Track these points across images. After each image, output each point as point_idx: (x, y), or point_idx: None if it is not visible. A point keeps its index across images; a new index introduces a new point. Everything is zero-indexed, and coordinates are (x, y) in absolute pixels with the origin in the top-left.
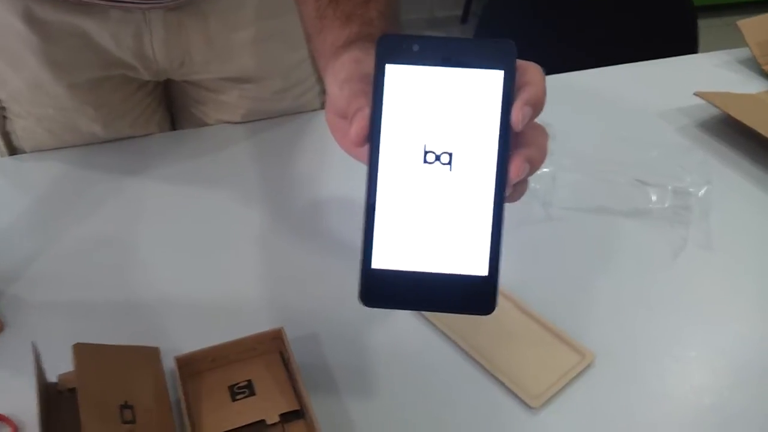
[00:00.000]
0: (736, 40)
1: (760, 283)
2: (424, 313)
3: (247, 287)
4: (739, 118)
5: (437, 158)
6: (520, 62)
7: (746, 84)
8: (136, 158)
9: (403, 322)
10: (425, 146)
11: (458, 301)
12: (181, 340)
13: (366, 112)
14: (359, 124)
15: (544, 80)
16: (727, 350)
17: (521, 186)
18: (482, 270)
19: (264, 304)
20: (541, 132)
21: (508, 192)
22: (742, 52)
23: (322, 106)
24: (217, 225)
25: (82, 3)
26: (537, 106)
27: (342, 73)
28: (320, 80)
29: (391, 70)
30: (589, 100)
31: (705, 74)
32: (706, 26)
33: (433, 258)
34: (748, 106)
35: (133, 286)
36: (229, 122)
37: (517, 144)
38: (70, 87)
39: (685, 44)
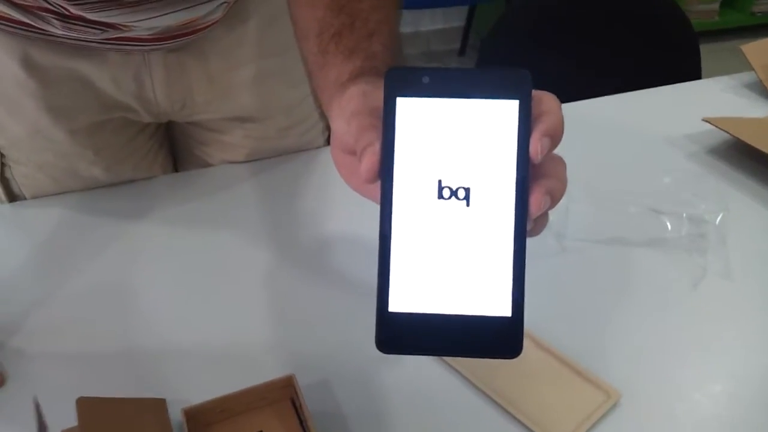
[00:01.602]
0: (738, 64)
1: None
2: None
3: (256, 333)
4: (750, 143)
5: (453, 194)
6: (534, 92)
7: (753, 108)
8: (138, 202)
9: (418, 365)
10: (440, 181)
11: (481, 345)
12: (188, 390)
13: (376, 147)
14: (370, 160)
15: (560, 109)
16: (758, 383)
17: (542, 220)
18: (505, 311)
19: (273, 350)
20: (559, 162)
21: (529, 226)
22: (748, 76)
23: (327, 143)
24: (223, 268)
25: (81, 47)
26: (555, 136)
27: (349, 107)
28: (324, 117)
29: (401, 103)
30: (596, 129)
31: (711, 99)
32: (706, 51)
33: (453, 299)
34: (758, 131)
35: (138, 334)
36: (233, 162)
37: (535, 176)
38: (70, 132)
39: (689, 70)
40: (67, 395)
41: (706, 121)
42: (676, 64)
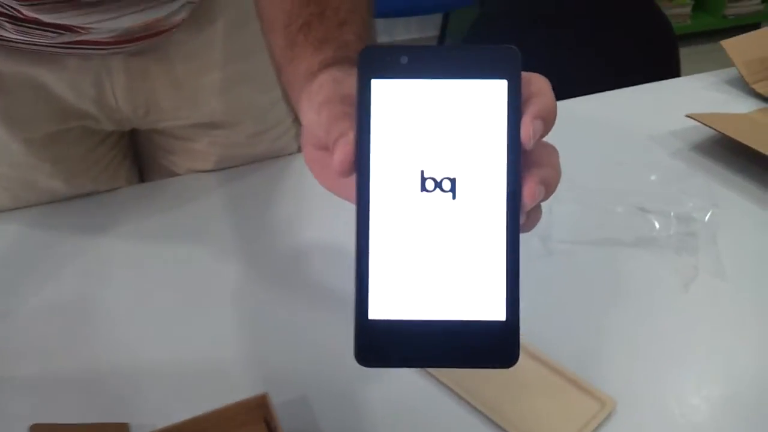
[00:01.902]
0: (712, 66)
1: None
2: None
3: (227, 349)
4: (735, 137)
5: (437, 185)
6: (523, 73)
7: (735, 104)
8: (101, 215)
9: (401, 378)
10: (423, 172)
11: (473, 354)
12: (153, 413)
13: (350, 136)
14: (343, 150)
15: (551, 90)
16: (759, 385)
17: (535, 213)
18: (499, 314)
19: (246, 368)
20: (552, 150)
21: (522, 220)
22: (729, 73)
23: (300, 150)
24: (190, 283)
25: (37, 52)
26: (548, 119)
27: (319, 96)
28: (297, 122)
29: (377, 86)
30: (578, 128)
31: (693, 96)
32: (684, 54)
33: (440, 303)
34: (742, 126)
35: (100, 354)
36: (201, 171)
37: (527, 165)
38: (27, 142)
39: (668, 69)
40: (23, 421)
41: (691, 118)
42: (655, 64)
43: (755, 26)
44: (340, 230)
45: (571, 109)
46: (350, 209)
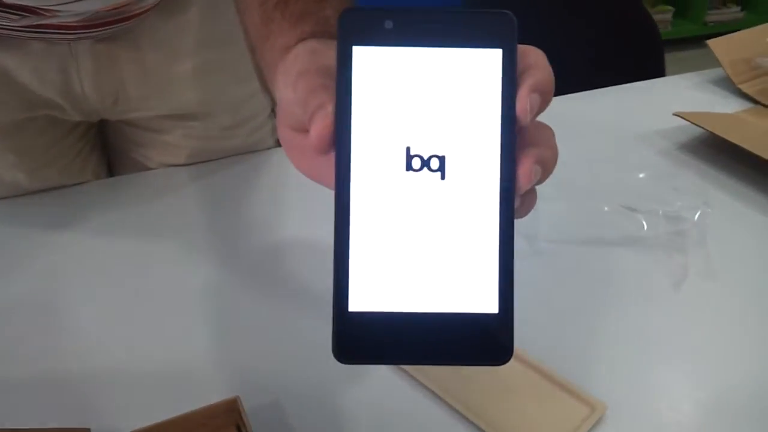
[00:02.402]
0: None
1: None
2: (406, 368)
3: (196, 351)
4: (724, 135)
5: (425, 164)
6: (518, 45)
7: (721, 104)
8: (66, 210)
9: (382, 381)
10: (408, 149)
11: (463, 350)
12: (117, 417)
13: (329, 109)
14: (321, 124)
15: (548, 63)
16: (750, 387)
17: (530, 197)
18: (491, 306)
19: (216, 370)
20: (548, 129)
21: (516, 203)
22: (715, 73)
23: (277, 144)
24: (159, 282)
25: None
26: (546, 93)
27: (294, 68)
28: (273, 116)
29: (359, 53)
30: (565, 126)
31: (679, 96)
32: (669, 60)
33: (427, 294)
34: (730, 125)
35: (61, 355)
36: (173, 165)
37: (522, 144)
38: None
39: (653, 70)
40: None
41: (678, 116)
42: (642, 64)
43: None
44: (318, 229)
45: (557, 107)
46: (329, 205)
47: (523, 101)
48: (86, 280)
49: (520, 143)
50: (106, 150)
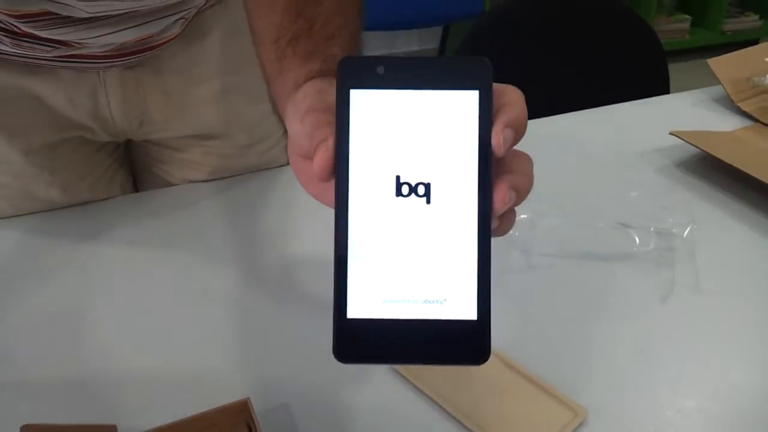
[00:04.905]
0: (704, 81)
1: (754, 324)
2: (404, 373)
3: (211, 356)
4: (717, 155)
5: (412, 190)
6: (496, 84)
7: (721, 122)
8: (96, 223)
9: (381, 386)
10: (398, 178)
11: (446, 351)
12: (140, 416)
13: (330, 142)
14: (323, 156)
15: (523, 101)
16: (730, 398)
17: (508, 217)
18: (471, 314)
19: (231, 374)
20: (525, 158)
21: (494, 224)
22: (715, 91)
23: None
24: (180, 290)
25: (33, 65)
26: (519, 128)
27: (303, 106)
28: (286, 135)
29: (356, 95)
30: (566, 144)
31: (680, 114)
32: (677, 70)
33: (415, 303)
34: (725, 144)
35: (89, 359)
36: (194, 181)
37: (499, 172)
38: (25, 152)
39: (657, 86)
40: (13, 423)
41: (674, 135)
42: (645, 81)
43: (754, 42)
44: (325, 241)
45: (560, 125)
46: (333, 219)
47: (498, 136)
48: (113, 288)
49: (498, 171)
50: (132, 167)
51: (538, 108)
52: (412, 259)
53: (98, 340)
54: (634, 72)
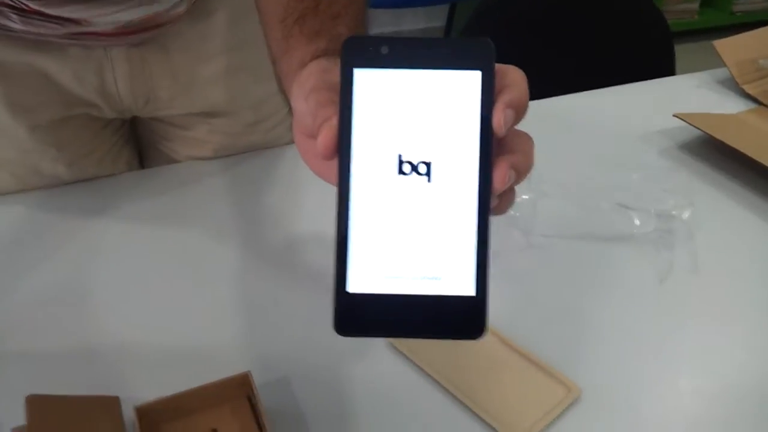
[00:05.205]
0: (712, 62)
1: (750, 305)
2: (402, 350)
3: (213, 330)
4: (720, 138)
5: (414, 169)
6: (499, 65)
7: (726, 104)
8: (101, 198)
9: (379, 361)
10: (400, 156)
11: (444, 326)
12: (142, 388)
13: (333, 121)
14: (326, 134)
15: (525, 82)
16: (722, 377)
17: (508, 196)
18: (468, 290)
19: (232, 348)
20: (526, 138)
21: (493, 203)
22: (721, 73)
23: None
24: (183, 265)
25: (40, 42)
26: (520, 108)
27: (308, 84)
28: (291, 114)
29: (359, 75)
30: (569, 125)
31: (685, 96)
32: (686, 50)
33: (414, 278)
34: (729, 126)
35: (93, 332)
36: (199, 158)
37: (500, 151)
38: (32, 128)
39: (663, 67)
40: (17, 394)
41: (678, 117)
42: (651, 62)
43: (765, 23)
44: (328, 218)
45: (564, 106)
46: (336, 196)
47: (499, 115)
48: (117, 263)
49: (498, 151)
50: (138, 144)
51: (544, 88)
52: (412, 236)
53: (102, 314)
54: (640, 53)
